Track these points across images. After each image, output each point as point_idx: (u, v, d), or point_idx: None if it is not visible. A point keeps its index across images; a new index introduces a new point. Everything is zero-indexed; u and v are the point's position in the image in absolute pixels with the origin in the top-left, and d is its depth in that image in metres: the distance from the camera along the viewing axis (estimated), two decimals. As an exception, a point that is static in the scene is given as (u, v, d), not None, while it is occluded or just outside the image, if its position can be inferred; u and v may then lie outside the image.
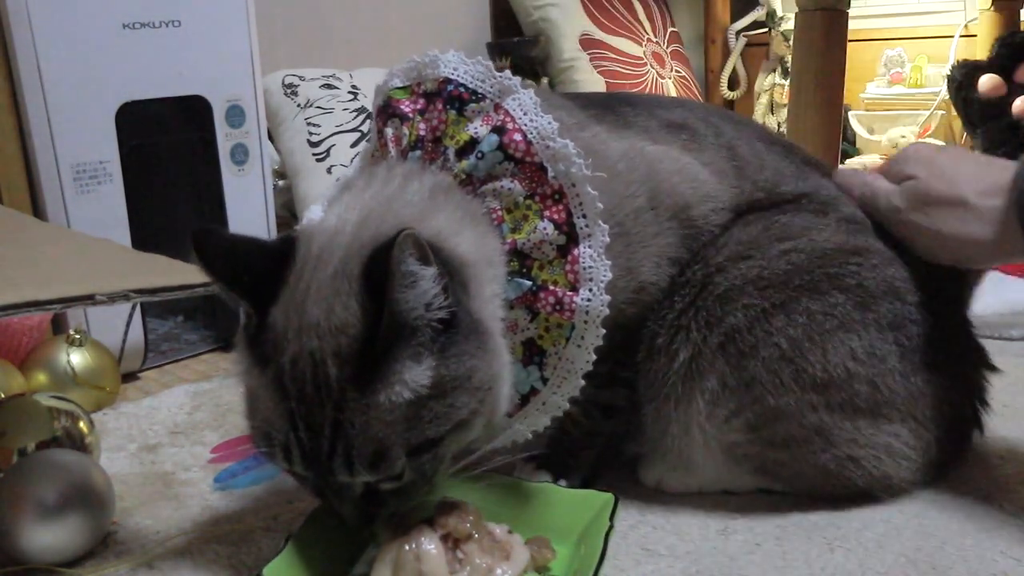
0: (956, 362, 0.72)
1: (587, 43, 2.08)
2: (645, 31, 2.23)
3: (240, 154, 1.24)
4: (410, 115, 0.67)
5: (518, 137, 0.63)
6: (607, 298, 0.63)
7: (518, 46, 2.07)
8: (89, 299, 0.67)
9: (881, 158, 2.39)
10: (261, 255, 0.59)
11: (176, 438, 0.94)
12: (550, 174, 0.63)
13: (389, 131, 0.68)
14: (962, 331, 0.75)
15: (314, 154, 1.53)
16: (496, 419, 0.60)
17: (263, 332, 0.56)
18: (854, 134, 2.37)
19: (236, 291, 0.57)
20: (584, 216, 0.63)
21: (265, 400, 0.56)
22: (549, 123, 0.63)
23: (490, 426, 0.60)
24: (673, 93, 2.17)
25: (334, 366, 0.54)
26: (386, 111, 0.69)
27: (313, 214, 0.66)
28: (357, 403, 0.53)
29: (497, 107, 0.64)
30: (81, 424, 0.79)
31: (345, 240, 0.58)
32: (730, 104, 2.49)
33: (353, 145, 1.55)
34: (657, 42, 2.25)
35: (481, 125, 0.64)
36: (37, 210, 1.07)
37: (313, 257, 0.58)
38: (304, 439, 0.54)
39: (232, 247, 0.58)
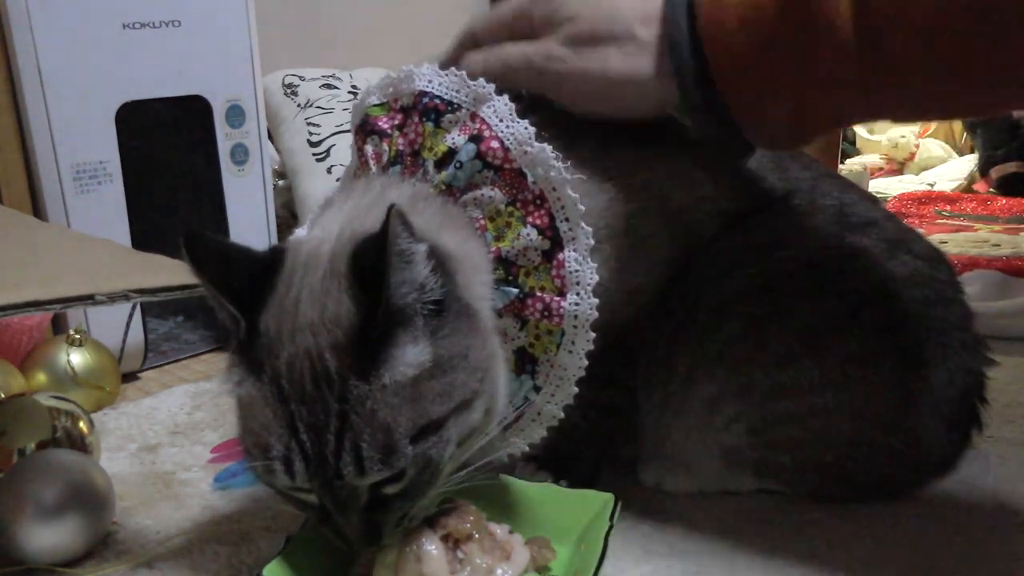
0: (955, 359, 0.72)
1: (587, 43, 2.08)
2: (645, 31, 2.23)
3: (240, 154, 1.24)
4: (388, 131, 0.67)
5: (495, 144, 0.62)
6: (595, 301, 0.63)
7: (518, 46, 2.07)
8: (89, 299, 0.66)
9: (881, 157, 2.39)
10: (251, 262, 0.59)
11: (176, 438, 0.94)
12: (530, 179, 0.62)
13: (369, 148, 0.68)
14: (960, 326, 0.75)
15: (314, 154, 1.53)
16: (496, 407, 0.60)
17: (255, 339, 0.56)
18: (854, 133, 2.37)
19: (226, 296, 0.56)
20: (567, 220, 0.62)
21: (262, 408, 0.55)
22: (525, 128, 0.62)
23: (491, 414, 0.59)
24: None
25: (333, 359, 0.53)
26: (364, 129, 0.68)
27: (299, 233, 0.66)
28: (360, 390, 0.53)
29: (473, 116, 0.63)
30: (81, 424, 0.79)
31: (329, 246, 0.59)
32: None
33: (353, 145, 1.55)
34: (657, 42, 2.25)
35: (458, 135, 0.64)
36: (37, 210, 1.07)
37: (301, 265, 0.58)
38: (307, 443, 0.53)
39: (223, 252, 0.58)
